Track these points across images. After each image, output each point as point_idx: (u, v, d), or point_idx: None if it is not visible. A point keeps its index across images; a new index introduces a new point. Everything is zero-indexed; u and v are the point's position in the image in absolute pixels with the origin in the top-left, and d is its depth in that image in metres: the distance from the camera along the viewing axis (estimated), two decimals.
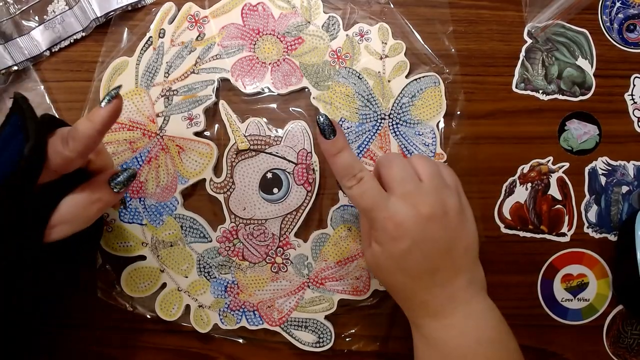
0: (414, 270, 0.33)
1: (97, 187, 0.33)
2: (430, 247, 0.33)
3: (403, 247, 0.33)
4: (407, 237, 0.33)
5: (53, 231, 0.32)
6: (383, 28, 0.43)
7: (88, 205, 0.33)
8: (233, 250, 0.43)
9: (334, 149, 0.33)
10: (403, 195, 0.33)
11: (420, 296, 0.34)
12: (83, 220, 0.33)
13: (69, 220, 0.32)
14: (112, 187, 0.33)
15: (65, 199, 0.32)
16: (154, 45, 0.43)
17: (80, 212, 0.32)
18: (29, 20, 0.43)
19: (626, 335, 0.45)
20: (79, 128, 0.31)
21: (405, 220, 0.32)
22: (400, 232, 0.33)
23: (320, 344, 0.43)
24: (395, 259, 0.33)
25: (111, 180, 0.33)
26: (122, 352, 0.44)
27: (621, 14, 0.46)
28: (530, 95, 0.45)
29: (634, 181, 0.45)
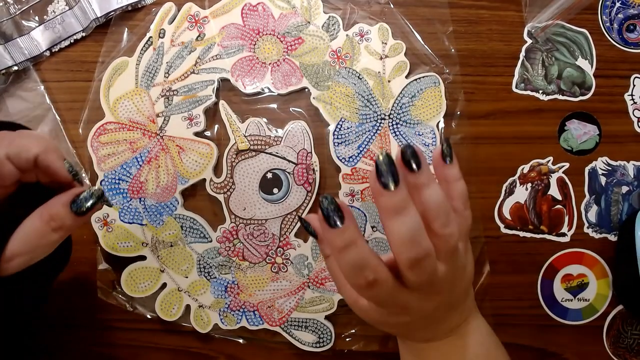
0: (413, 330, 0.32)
1: (56, 212, 0.28)
2: (431, 314, 0.30)
3: (405, 320, 0.30)
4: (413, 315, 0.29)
5: (9, 265, 0.28)
6: (383, 28, 0.43)
7: (47, 233, 0.28)
8: (233, 251, 0.43)
9: (340, 241, 0.25)
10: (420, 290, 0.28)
11: (416, 337, 0.34)
12: (42, 249, 0.29)
13: (26, 252, 0.28)
14: (75, 212, 0.28)
15: (21, 227, 0.28)
16: (154, 46, 0.43)
17: (38, 241, 0.28)
18: (29, 20, 0.43)
19: (626, 335, 0.45)
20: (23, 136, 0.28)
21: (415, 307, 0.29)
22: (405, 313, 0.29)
23: (320, 344, 0.43)
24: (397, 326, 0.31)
25: (73, 204, 0.28)
26: (122, 352, 0.44)
27: (621, 14, 0.46)
28: (530, 96, 0.45)
29: (634, 181, 0.45)
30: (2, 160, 0.28)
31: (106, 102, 0.43)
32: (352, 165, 0.43)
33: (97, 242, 0.42)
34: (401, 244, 0.25)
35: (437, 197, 0.26)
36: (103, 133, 0.42)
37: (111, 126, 0.42)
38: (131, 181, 0.42)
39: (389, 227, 0.25)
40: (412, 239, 0.25)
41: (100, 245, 0.42)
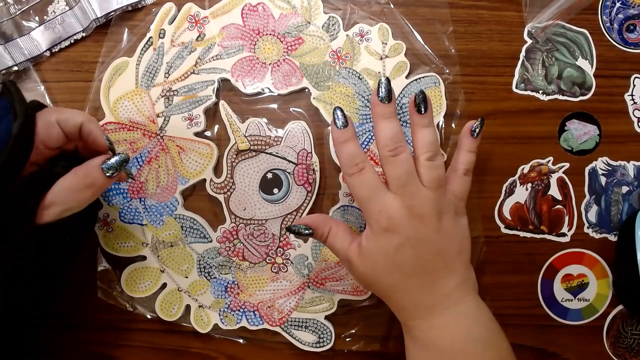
0: (407, 267, 0.34)
1: (90, 171, 0.33)
2: (422, 246, 0.34)
3: (396, 241, 0.33)
4: (400, 233, 0.33)
5: (45, 212, 0.31)
6: (383, 28, 0.43)
7: (81, 189, 0.33)
8: (233, 251, 0.43)
9: (342, 137, 0.34)
10: (401, 193, 0.34)
11: (413, 296, 0.34)
12: (76, 203, 0.33)
13: (61, 202, 0.32)
14: (105, 172, 0.33)
15: (59, 181, 0.32)
16: (154, 46, 0.43)
17: (73, 195, 0.32)
18: (29, 20, 0.43)
19: (626, 335, 0.45)
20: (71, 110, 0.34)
21: (398, 216, 0.33)
22: (392, 226, 0.33)
23: (320, 344, 0.43)
24: (389, 255, 0.34)
25: (103, 165, 0.33)
26: (122, 352, 0.44)
27: (621, 14, 0.46)
28: (530, 96, 0.45)
29: (634, 181, 0.45)
30: (52, 123, 0.33)
31: (106, 103, 0.43)
32: None
33: (97, 242, 0.42)
34: (384, 139, 0.34)
35: (429, 137, 0.35)
36: None
37: (111, 126, 0.43)
38: (131, 181, 0.42)
39: (378, 128, 0.35)
40: (393, 136, 0.34)
41: (100, 245, 0.42)
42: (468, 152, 0.37)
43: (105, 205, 0.42)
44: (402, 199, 0.33)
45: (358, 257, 0.35)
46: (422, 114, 0.35)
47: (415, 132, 0.35)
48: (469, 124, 0.37)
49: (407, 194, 0.34)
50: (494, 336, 0.35)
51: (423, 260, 0.34)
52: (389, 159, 0.34)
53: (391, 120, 0.34)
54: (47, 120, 0.33)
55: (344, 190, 0.43)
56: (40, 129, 0.32)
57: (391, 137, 0.34)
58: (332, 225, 0.37)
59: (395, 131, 0.34)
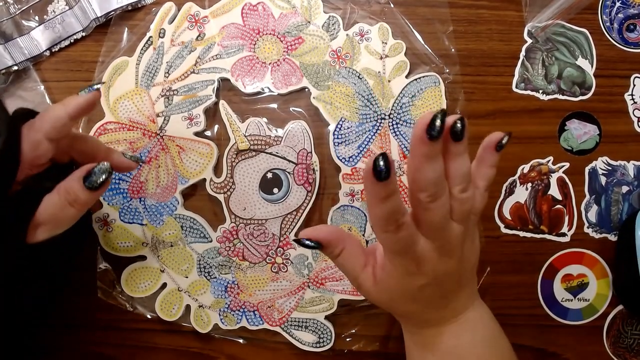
0: (427, 300, 0.32)
1: (71, 186, 0.30)
2: (445, 280, 0.32)
3: (420, 282, 0.31)
4: (427, 275, 0.31)
5: (35, 232, 0.30)
6: (383, 28, 0.43)
7: (64, 206, 0.30)
8: (233, 250, 0.43)
9: (384, 193, 0.27)
10: (434, 238, 0.30)
11: (427, 315, 0.34)
12: (62, 222, 0.31)
13: (48, 222, 0.30)
14: (87, 186, 0.30)
15: (45, 199, 0.30)
16: (154, 45, 0.43)
17: (57, 213, 0.30)
18: (29, 20, 0.43)
19: (626, 335, 0.45)
20: (49, 110, 0.31)
21: (429, 261, 0.30)
22: (421, 270, 0.30)
23: (320, 344, 0.43)
24: (410, 292, 0.32)
25: (86, 179, 0.30)
26: (122, 352, 0.44)
27: (621, 14, 0.46)
28: (530, 95, 0.45)
29: (634, 181, 0.45)
30: (39, 141, 0.30)
31: (106, 102, 0.43)
32: (352, 165, 0.43)
33: (97, 242, 0.42)
34: (424, 184, 0.28)
35: (465, 167, 0.30)
36: (103, 133, 0.42)
37: (111, 126, 0.42)
38: (131, 181, 0.42)
39: (420, 169, 0.28)
40: (435, 181, 0.28)
41: (100, 245, 0.42)
42: (490, 167, 0.33)
43: (105, 205, 0.42)
44: (434, 243, 0.30)
45: (373, 286, 0.32)
46: (460, 142, 0.30)
47: (450, 161, 0.30)
48: (494, 138, 0.32)
49: (440, 237, 0.30)
50: (495, 334, 0.35)
51: (443, 290, 0.32)
52: (427, 204, 0.29)
53: (437, 161, 0.28)
54: (34, 140, 0.30)
55: (344, 190, 0.43)
56: (26, 151, 0.30)
57: (434, 181, 0.28)
58: (346, 245, 0.32)
59: (440, 174, 0.28)
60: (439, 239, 0.30)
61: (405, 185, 0.43)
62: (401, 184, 0.43)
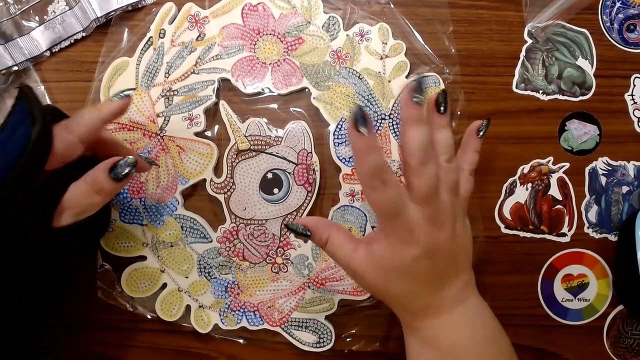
0: (422, 276, 0.33)
1: (97, 176, 0.33)
2: (438, 254, 0.32)
3: (413, 253, 0.32)
4: (419, 244, 0.32)
5: (60, 217, 0.32)
6: (383, 28, 0.43)
7: (91, 194, 0.33)
8: (233, 251, 0.43)
9: (364, 144, 0.29)
10: (424, 204, 0.31)
11: (423, 300, 0.34)
12: (87, 208, 0.33)
13: (74, 207, 0.33)
14: (112, 177, 0.33)
15: (71, 187, 0.33)
16: (154, 46, 0.43)
17: (84, 199, 0.33)
18: (29, 20, 0.43)
19: (626, 335, 0.45)
20: (83, 114, 0.34)
21: (420, 228, 0.31)
22: (413, 238, 0.32)
23: (320, 344, 0.43)
24: (404, 265, 0.32)
25: (111, 170, 0.33)
26: (122, 352, 0.44)
27: (621, 14, 0.46)
28: (530, 96, 0.45)
29: (634, 181, 0.45)
30: (75, 144, 0.33)
31: None
32: (353, 165, 0.43)
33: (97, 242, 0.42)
34: (413, 147, 0.30)
35: (448, 138, 0.33)
36: None
37: (111, 126, 0.42)
38: (131, 181, 0.42)
39: (407, 133, 0.30)
40: (422, 144, 0.30)
41: (100, 245, 0.42)
42: (473, 152, 0.37)
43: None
44: (425, 210, 0.31)
45: (367, 266, 0.33)
46: (442, 114, 0.33)
47: (435, 132, 0.33)
48: (475, 124, 0.37)
49: (430, 204, 0.31)
50: (495, 332, 0.35)
51: (437, 266, 0.33)
52: (417, 168, 0.31)
53: (423, 127, 0.30)
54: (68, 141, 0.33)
55: (345, 190, 0.43)
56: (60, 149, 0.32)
57: (421, 145, 0.30)
58: (333, 232, 0.35)
59: (426, 139, 0.30)
60: (429, 206, 0.31)
61: None
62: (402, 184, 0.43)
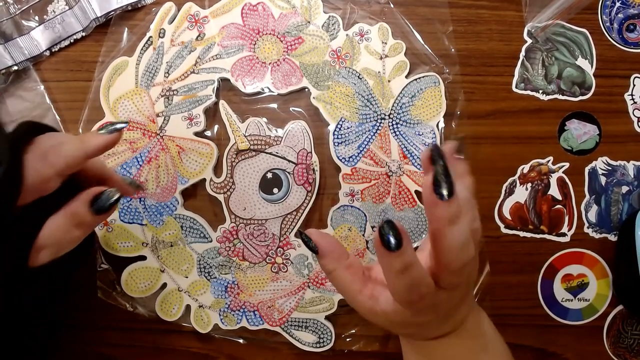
0: (429, 326, 0.31)
1: (77, 210, 0.30)
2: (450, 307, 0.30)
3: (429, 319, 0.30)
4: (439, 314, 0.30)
5: (38, 256, 0.29)
6: (383, 28, 0.43)
7: (69, 229, 0.30)
8: (233, 251, 0.43)
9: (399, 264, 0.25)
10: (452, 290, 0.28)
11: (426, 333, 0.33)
12: (67, 243, 0.30)
13: (52, 244, 0.30)
14: (94, 211, 0.29)
15: (48, 221, 0.30)
16: (154, 45, 0.43)
17: (62, 235, 0.30)
18: (29, 20, 0.43)
19: (626, 335, 0.45)
20: (65, 144, 0.29)
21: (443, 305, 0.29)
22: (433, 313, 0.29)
23: (320, 344, 0.43)
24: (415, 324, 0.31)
25: (93, 203, 0.29)
26: (122, 352, 0.44)
27: (621, 14, 0.46)
28: (530, 95, 0.45)
29: (634, 181, 0.45)
30: (51, 178, 0.29)
31: (106, 102, 0.43)
32: (352, 165, 0.43)
33: (97, 242, 0.42)
34: (457, 250, 0.25)
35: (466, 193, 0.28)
36: None
37: None
38: None
39: (446, 236, 0.25)
40: (466, 245, 0.25)
41: (100, 245, 0.42)
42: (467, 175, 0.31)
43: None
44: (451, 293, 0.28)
45: (367, 313, 0.30)
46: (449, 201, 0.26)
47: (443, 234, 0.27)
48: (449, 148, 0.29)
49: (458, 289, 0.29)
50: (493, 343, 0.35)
51: (446, 314, 0.31)
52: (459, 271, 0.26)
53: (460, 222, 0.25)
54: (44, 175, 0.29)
55: (344, 190, 0.43)
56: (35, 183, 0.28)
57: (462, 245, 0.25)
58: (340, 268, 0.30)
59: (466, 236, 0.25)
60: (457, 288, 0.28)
61: (405, 186, 0.43)
62: (401, 184, 0.43)
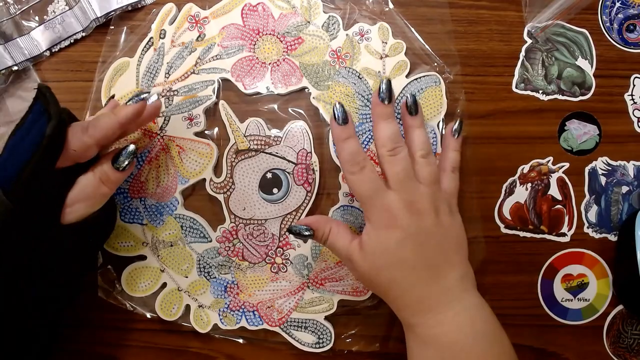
0: (409, 261, 0.35)
1: (104, 166, 0.35)
2: (423, 239, 0.35)
3: (397, 236, 0.34)
4: (401, 228, 0.34)
5: (69, 211, 0.34)
6: (383, 27, 0.43)
7: (98, 185, 0.35)
8: (233, 251, 0.43)
9: (344, 134, 0.35)
10: (400, 190, 0.35)
11: (416, 291, 0.35)
12: (96, 199, 0.35)
13: (82, 199, 0.34)
14: (116, 167, 0.35)
15: (78, 180, 0.35)
16: (155, 46, 0.43)
17: (91, 191, 0.35)
18: (29, 20, 0.43)
19: (626, 335, 0.45)
20: (101, 118, 0.35)
21: (398, 211, 0.34)
22: (393, 221, 0.34)
23: (320, 345, 0.43)
24: (391, 250, 0.35)
25: (114, 161, 0.35)
26: (122, 352, 0.44)
27: (621, 14, 0.46)
28: (530, 96, 0.45)
29: (634, 181, 0.45)
30: (91, 146, 0.34)
31: None
32: None
33: None
34: (382, 138, 0.35)
35: (422, 136, 0.37)
36: None
37: None
38: (131, 181, 0.42)
39: (377, 128, 0.36)
40: (392, 136, 0.35)
41: None
42: (453, 150, 0.40)
43: None
44: (401, 195, 0.35)
45: (359, 254, 0.36)
46: (414, 116, 0.37)
47: (409, 133, 0.38)
48: (449, 128, 0.41)
49: (405, 190, 0.35)
50: (495, 330, 0.35)
51: (424, 253, 0.35)
52: (387, 157, 0.35)
53: (390, 121, 0.36)
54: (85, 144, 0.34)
55: (344, 190, 0.43)
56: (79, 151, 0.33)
57: (390, 136, 0.35)
58: (333, 226, 0.38)
59: (394, 131, 0.36)
60: (404, 191, 0.35)
61: None
62: None
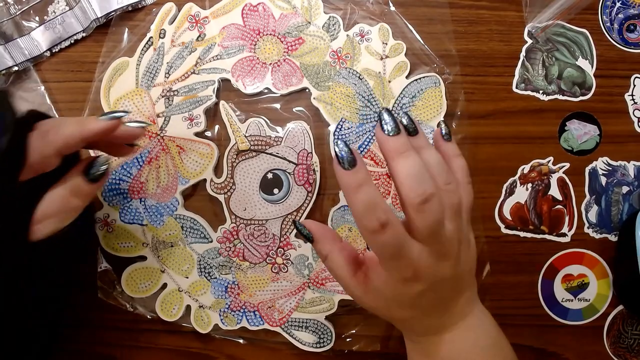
0: (424, 307, 0.32)
1: (74, 178, 0.32)
2: (443, 286, 0.31)
3: (417, 289, 0.30)
4: (423, 281, 0.30)
5: (38, 228, 0.31)
6: (383, 28, 0.43)
7: (68, 198, 0.32)
8: (233, 251, 0.43)
9: (353, 182, 0.27)
10: (431, 242, 0.29)
11: (425, 321, 0.33)
12: (67, 213, 0.32)
13: (52, 215, 0.31)
14: (89, 178, 0.32)
15: (48, 193, 0.31)
16: (155, 46, 0.43)
17: (62, 205, 0.32)
18: (30, 20, 0.43)
19: (626, 335, 0.45)
20: (64, 126, 0.31)
21: (425, 266, 0.29)
22: (417, 276, 0.29)
23: (320, 345, 0.43)
24: (406, 299, 0.31)
25: (86, 172, 0.32)
26: (122, 352, 0.44)
27: (621, 14, 0.46)
28: (530, 96, 0.45)
29: (634, 181, 0.45)
30: (51, 157, 0.31)
31: (107, 103, 0.43)
32: None
33: (97, 242, 0.42)
34: (408, 181, 0.27)
35: (435, 157, 0.30)
36: None
37: None
38: (132, 181, 0.42)
39: (394, 168, 0.27)
40: (418, 176, 0.27)
41: (101, 245, 0.42)
42: (456, 157, 0.33)
43: (105, 205, 0.42)
44: (430, 247, 0.29)
45: (364, 293, 0.32)
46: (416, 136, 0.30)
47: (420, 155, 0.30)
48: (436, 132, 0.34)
49: (436, 241, 0.29)
50: (497, 341, 0.35)
51: (443, 295, 0.31)
52: (419, 207, 0.27)
53: (407, 155, 0.27)
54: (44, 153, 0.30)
55: None
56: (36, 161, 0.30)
57: (415, 176, 0.27)
58: (335, 250, 0.32)
59: (417, 167, 0.27)
60: (434, 242, 0.29)
61: None
62: None
